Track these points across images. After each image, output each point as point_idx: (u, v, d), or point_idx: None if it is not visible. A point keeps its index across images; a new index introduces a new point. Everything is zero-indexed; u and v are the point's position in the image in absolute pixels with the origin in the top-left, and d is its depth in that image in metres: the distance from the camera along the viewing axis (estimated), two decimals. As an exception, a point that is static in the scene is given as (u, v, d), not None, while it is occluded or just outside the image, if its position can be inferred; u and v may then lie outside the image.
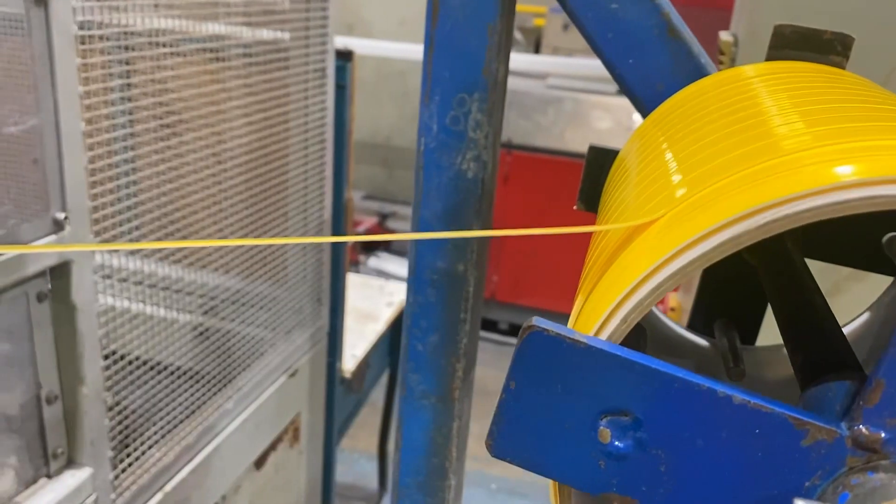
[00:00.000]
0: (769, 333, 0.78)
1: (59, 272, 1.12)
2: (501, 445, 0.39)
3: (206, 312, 1.56)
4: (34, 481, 1.20)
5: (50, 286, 1.13)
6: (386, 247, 4.64)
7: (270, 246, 1.67)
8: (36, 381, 1.15)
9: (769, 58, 0.73)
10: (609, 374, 0.36)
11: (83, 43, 1.08)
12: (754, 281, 0.74)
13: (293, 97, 1.66)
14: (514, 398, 0.37)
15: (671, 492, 0.36)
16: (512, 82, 1.39)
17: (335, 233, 1.95)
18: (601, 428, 0.36)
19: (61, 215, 1.09)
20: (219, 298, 1.57)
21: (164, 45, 1.29)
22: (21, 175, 1.09)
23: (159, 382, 1.38)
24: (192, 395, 1.46)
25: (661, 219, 0.40)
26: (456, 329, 0.90)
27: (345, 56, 1.81)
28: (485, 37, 0.78)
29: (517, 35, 4.34)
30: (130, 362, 1.29)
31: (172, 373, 1.40)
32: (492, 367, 3.94)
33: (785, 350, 0.74)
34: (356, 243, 4.02)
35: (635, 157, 0.65)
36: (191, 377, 1.46)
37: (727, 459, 0.36)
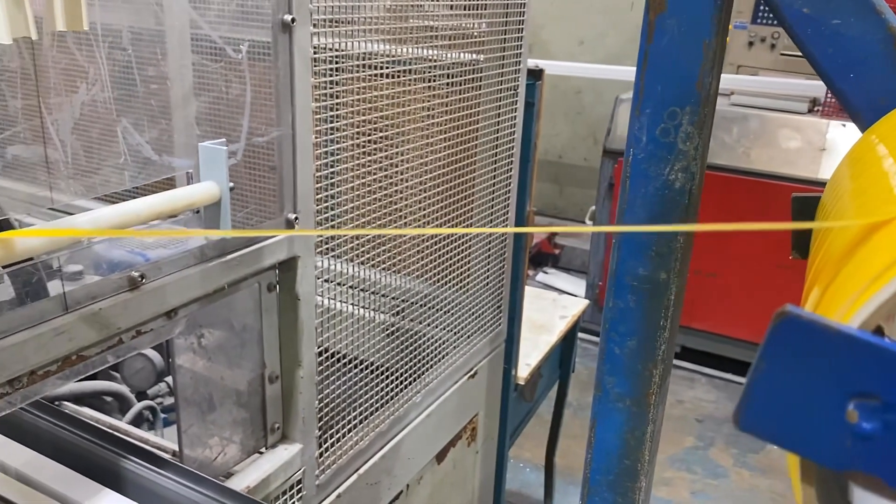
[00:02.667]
0: None
1: (287, 266, 1.27)
2: (748, 419, 0.42)
3: (397, 314, 1.68)
4: (254, 451, 1.35)
5: (278, 278, 1.28)
6: (554, 263, 4.67)
7: (458, 254, 1.77)
8: (262, 362, 1.30)
9: None
10: (859, 359, 0.38)
11: (315, 64, 1.22)
12: None
13: (485, 115, 1.75)
14: (763, 377, 0.41)
15: (917, 473, 0.38)
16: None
17: (517, 245, 2.02)
18: (849, 409, 0.39)
19: (293, 216, 1.23)
20: (409, 301, 1.69)
21: (375, 67, 1.42)
22: (262, 180, 1.25)
23: (360, 373, 1.50)
24: (385, 386, 1.58)
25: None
26: (654, 336, 0.93)
27: (535, 75, 1.88)
28: (700, 53, 0.80)
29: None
30: (338, 350, 1.42)
31: (370, 364, 1.52)
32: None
33: None
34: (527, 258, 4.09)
35: (850, 175, 0.66)
36: (385, 371, 1.58)
37: (976, 446, 0.37)
